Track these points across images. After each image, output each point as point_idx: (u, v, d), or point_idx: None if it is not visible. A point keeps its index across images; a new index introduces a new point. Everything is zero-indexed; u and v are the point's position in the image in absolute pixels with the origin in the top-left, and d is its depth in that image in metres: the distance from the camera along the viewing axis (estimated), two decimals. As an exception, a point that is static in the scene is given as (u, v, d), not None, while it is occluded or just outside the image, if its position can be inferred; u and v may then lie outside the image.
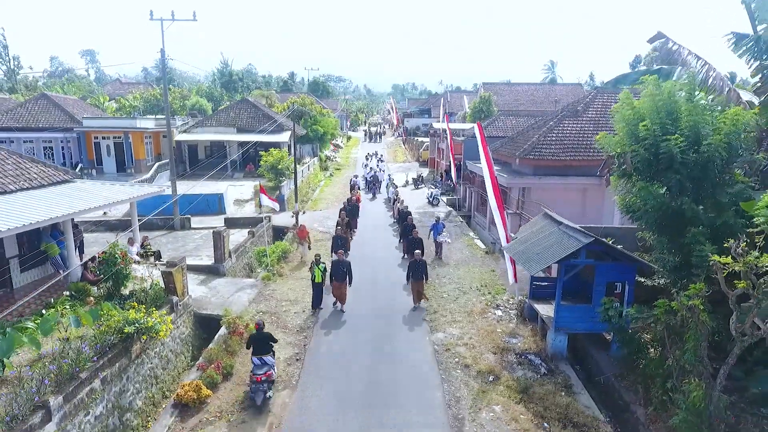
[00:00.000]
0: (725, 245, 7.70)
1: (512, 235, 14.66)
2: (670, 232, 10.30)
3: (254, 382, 9.88)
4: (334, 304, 14.64)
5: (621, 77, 11.89)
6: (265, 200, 20.81)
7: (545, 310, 12.97)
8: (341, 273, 14.24)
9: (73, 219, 16.49)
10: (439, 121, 41.08)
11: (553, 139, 21.34)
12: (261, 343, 10.42)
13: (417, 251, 15.18)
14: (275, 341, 10.81)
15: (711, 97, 10.21)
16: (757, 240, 7.50)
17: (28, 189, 13.29)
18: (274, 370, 10.38)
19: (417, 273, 14.74)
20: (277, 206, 23.38)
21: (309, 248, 19.36)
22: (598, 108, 22.52)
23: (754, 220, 7.67)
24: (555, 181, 20.56)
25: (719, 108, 9.79)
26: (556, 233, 12.29)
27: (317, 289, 14.61)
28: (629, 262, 11.47)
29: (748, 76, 10.65)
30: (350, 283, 14.45)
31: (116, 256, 12.71)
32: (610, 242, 11.61)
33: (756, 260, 7.22)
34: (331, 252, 16.70)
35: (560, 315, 11.84)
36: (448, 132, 33.37)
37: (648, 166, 9.92)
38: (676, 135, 9.37)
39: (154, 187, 17.84)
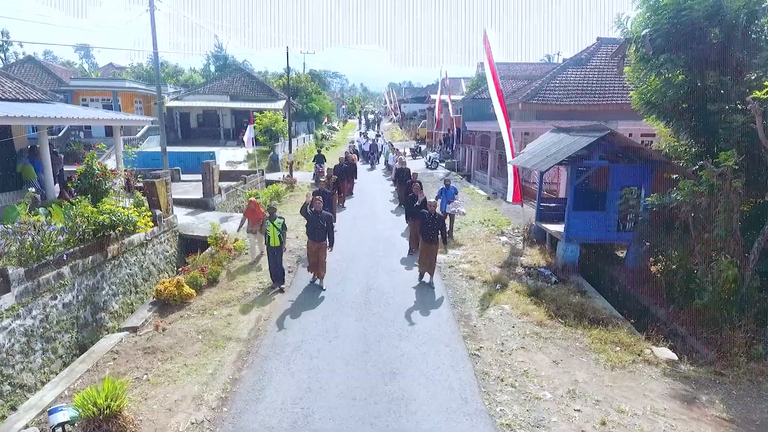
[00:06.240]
0: (766, 83, 6.91)
1: (517, 151, 13.87)
2: (692, 117, 9.56)
3: (316, 171, 22.00)
4: (313, 280, 10.19)
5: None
6: (248, 133, 21.07)
7: (554, 228, 12.17)
8: (319, 229, 9.63)
9: (52, 146, 15.63)
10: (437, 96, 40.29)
11: (557, 85, 20.67)
12: (319, 159, 22.90)
13: (430, 201, 10.41)
14: (326, 159, 22.95)
15: None
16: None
17: (1, 100, 12.39)
18: (324, 169, 20.47)
19: (429, 232, 9.72)
20: (251, 143, 22.32)
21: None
22: (602, 57, 21.84)
23: None
24: (559, 126, 19.76)
25: None
26: (567, 138, 11.53)
27: (275, 257, 9.90)
28: (645, 162, 10.70)
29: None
30: (331, 245, 9.88)
31: (95, 168, 11.82)
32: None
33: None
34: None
35: (572, 223, 11.03)
36: (448, 99, 32.73)
37: (668, 40, 9.15)
38: None
39: (141, 117, 16.93)
